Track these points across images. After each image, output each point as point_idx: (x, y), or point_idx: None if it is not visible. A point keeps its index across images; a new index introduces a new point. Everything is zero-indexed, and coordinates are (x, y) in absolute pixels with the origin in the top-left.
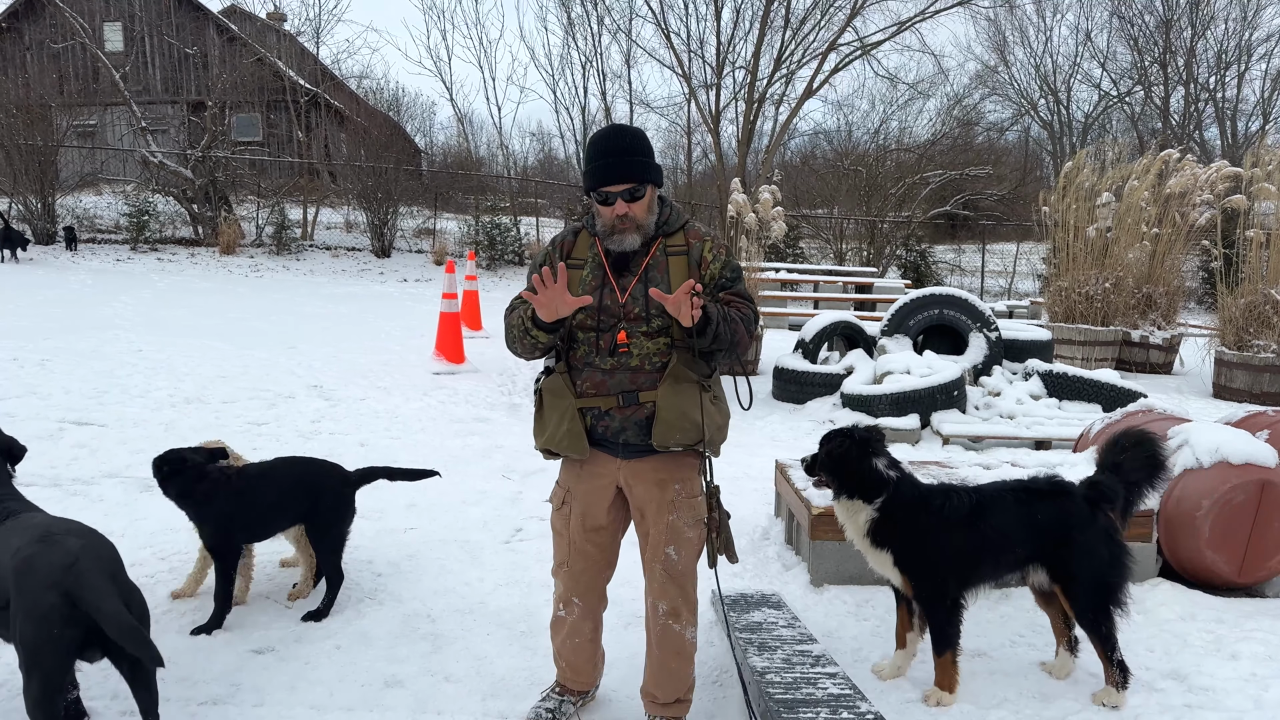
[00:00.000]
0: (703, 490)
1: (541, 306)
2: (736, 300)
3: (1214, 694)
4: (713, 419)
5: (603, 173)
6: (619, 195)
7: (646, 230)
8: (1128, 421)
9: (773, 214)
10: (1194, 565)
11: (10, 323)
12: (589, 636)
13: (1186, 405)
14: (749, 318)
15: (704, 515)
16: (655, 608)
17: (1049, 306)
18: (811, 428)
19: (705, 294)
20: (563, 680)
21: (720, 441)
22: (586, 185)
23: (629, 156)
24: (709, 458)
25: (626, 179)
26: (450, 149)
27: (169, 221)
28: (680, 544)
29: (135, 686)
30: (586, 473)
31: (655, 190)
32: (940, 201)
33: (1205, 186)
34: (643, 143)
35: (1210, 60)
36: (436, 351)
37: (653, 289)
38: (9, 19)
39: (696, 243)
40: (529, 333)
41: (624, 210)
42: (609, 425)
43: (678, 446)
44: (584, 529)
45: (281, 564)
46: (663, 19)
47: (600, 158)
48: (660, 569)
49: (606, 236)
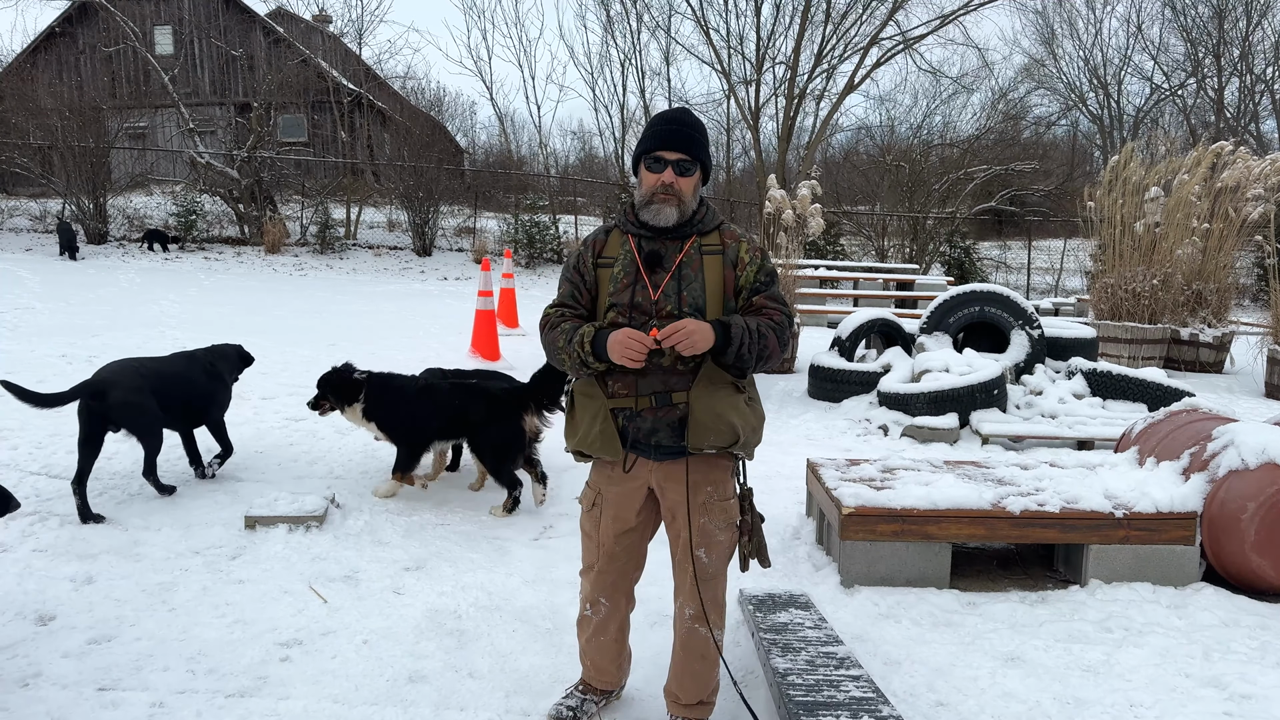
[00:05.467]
0: (735, 493)
1: (616, 343)
2: (770, 306)
3: (1256, 702)
4: (747, 421)
5: (663, 137)
6: (670, 163)
7: (685, 210)
8: (1171, 420)
9: (810, 210)
10: (1239, 569)
11: (62, 320)
12: (614, 636)
13: (1236, 405)
14: (781, 325)
15: (736, 519)
16: (683, 610)
17: (1095, 304)
18: (847, 426)
19: (740, 296)
20: (587, 679)
21: (755, 444)
22: (640, 150)
23: (690, 130)
24: (743, 460)
25: (683, 149)
26: (491, 148)
27: (215, 221)
28: (711, 547)
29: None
30: (619, 474)
31: (701, 178)
32: (985, 197)
33: (1259, 180)
34: (702, 127)
35: (1267, 51)
36: (472, 349)
37: (661, 332)
38: (63, 24)
39: (732, 243)
40: (586, 364)
41: (671, 179)
42: (641, 426)
43: (712, 449)
44: (614, 532)
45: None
46: (702, 15)
47: (662, 124)
48: (690, 571)
49: (644, 207)
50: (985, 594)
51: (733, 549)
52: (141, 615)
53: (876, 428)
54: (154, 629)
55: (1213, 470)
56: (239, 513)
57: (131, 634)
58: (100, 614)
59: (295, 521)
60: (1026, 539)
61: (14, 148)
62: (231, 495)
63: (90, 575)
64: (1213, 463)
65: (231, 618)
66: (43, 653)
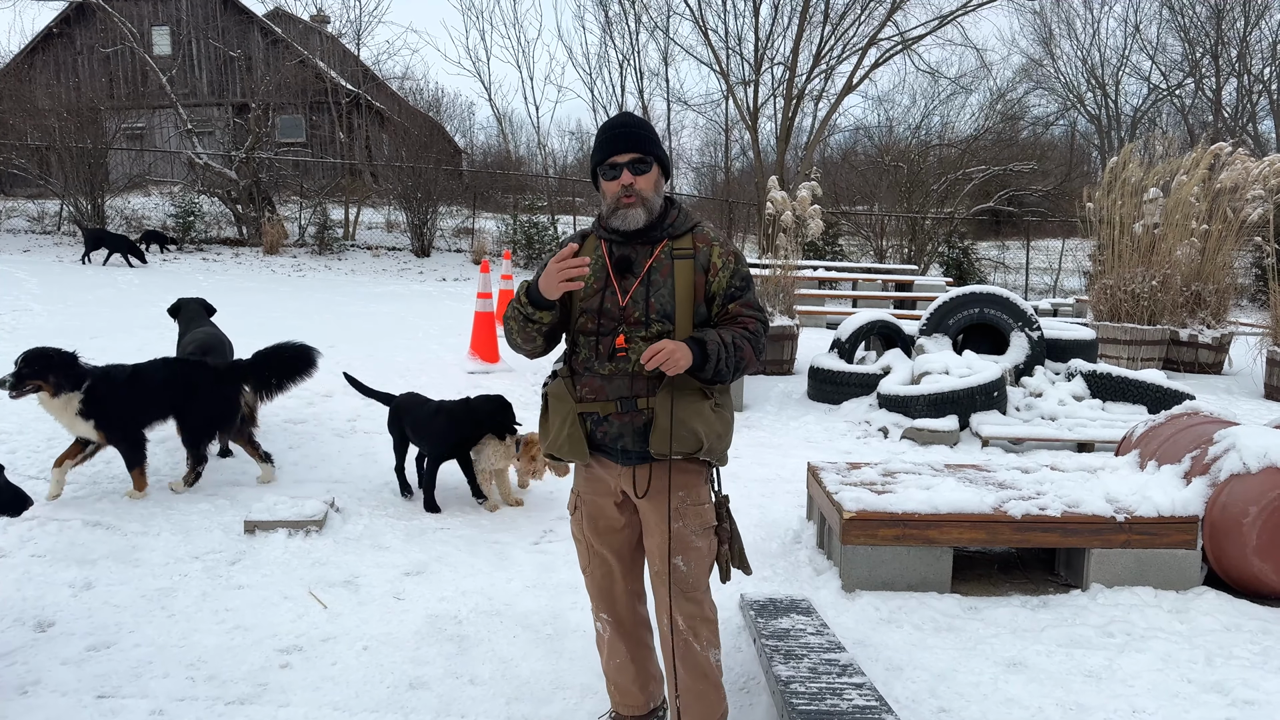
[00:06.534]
0: (710, 499)
1: (549, 275)
2: (745, 314)
3: (1258, 708)
4: (712, 427)
5: (609, 144)
6: (624, 165)
7: (652, 209)
8: (1172, 423)
9: (810, 211)
10: (1240, 574)
11: (60, 322)
12: (627, 655)
13: (1236, 407)
14: (757, 333)
15: (712, 523)
16: (673, 624)
17: (1094, 305)
18: (847, 429)
19: (715, 303)
20: (614, 706)
21: (722, 450)
22: (594, 163)
23: (635, 129)
24: (715, 467)
25: (632, 149)
26: (490, 149)
27: (214, 222)
28: (688, 553)
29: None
30: (593, 477)
31: (660, 172)
32: (984, 197)
33: (1258, 180)
34: (648, 125)
35: (1265, 51)
36: (471, 351)
37: (644, 356)
38: (61, 24)
39: (704, 247)
40: (530, 318)
41: (629, 180)
42: (608, 431)
43: (677, 455)
44: (597, 531)
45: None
46: (700, 16)
47: (607, 131)
48: (668, 580)
49: (611, 214)
50: (987, 598)
51: (712, 558)
52: (141, 621)
53: (876, 430)
54: (153, 635)
55: (1214, 474)
56: (238, 517)
57: (131, 640)
58: (99, 620)
59: (295, 526)
60: (1028, 543)
61: (11, 149)
62: (230, 500)
63: (89, 581)
64: (1214, 466)
65: (231, 624)
66: (42, 659)
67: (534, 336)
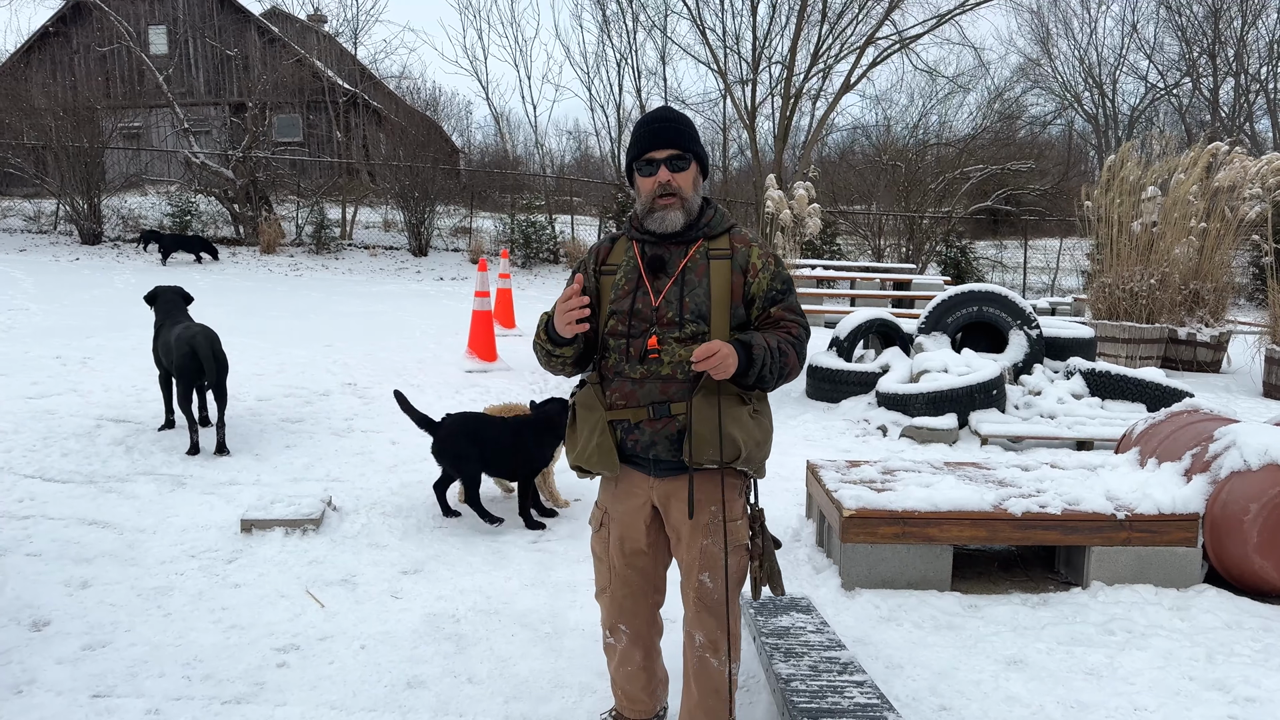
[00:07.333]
0: (745, 513)
1: (558, 315)
2: (788, 319)
3: (1261, 705)
4: (751, 435)
5: (648, 139)
6: (661, 161)
7: (690, 210)
8: (1172, 421)
9: (808, 210)
10: (1241, 571)
11: (56, 321)
12: (640, 664)
13: (1235, 405)
14: (800, 339)
15: (744, 541)
16: (692, 638)
17: (1092, 303)
18: (845, 427)
19: (755, 306)
20: (620, 709)
21: (761, 459)
22: (630, 158)
23: (676, 124)
24: (753, 478)
25: (670, 144)
26: (487, 148)
27: (211, 221)
28: (715, 571)
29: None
30: (622, 492)
31: (699, 170)
32: (981, 196)
33: (1256, 179)
34: (688, 120)
35: (1261, 51)
36: (469, 350)
37: (695, 355)
38: (57, 23)
39: (743, 248)
40: (551, 353)
41: (666, 177)
42: (639, 439)
43: (711, 464)
44: (624, 553)
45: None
46: (698, 14)
47: (645, 125)
48: (694, 597)
49: (647, 215)
50: (987, 596)
51: (743, 574)
52: (137, 620)
53: (875, 428)
54: (149, 634)
55: (1215, 471)
56: (235, 516)
57: (126, 639)
58: (95, 619)
59: (292, 525)
60: (1028, 541)
61: (8, 148)
62: (227, 498)
63: (85, 580)
64: (1215, 464)
65: (228, 623)
66: (37, 659)
67: (560, 367)
